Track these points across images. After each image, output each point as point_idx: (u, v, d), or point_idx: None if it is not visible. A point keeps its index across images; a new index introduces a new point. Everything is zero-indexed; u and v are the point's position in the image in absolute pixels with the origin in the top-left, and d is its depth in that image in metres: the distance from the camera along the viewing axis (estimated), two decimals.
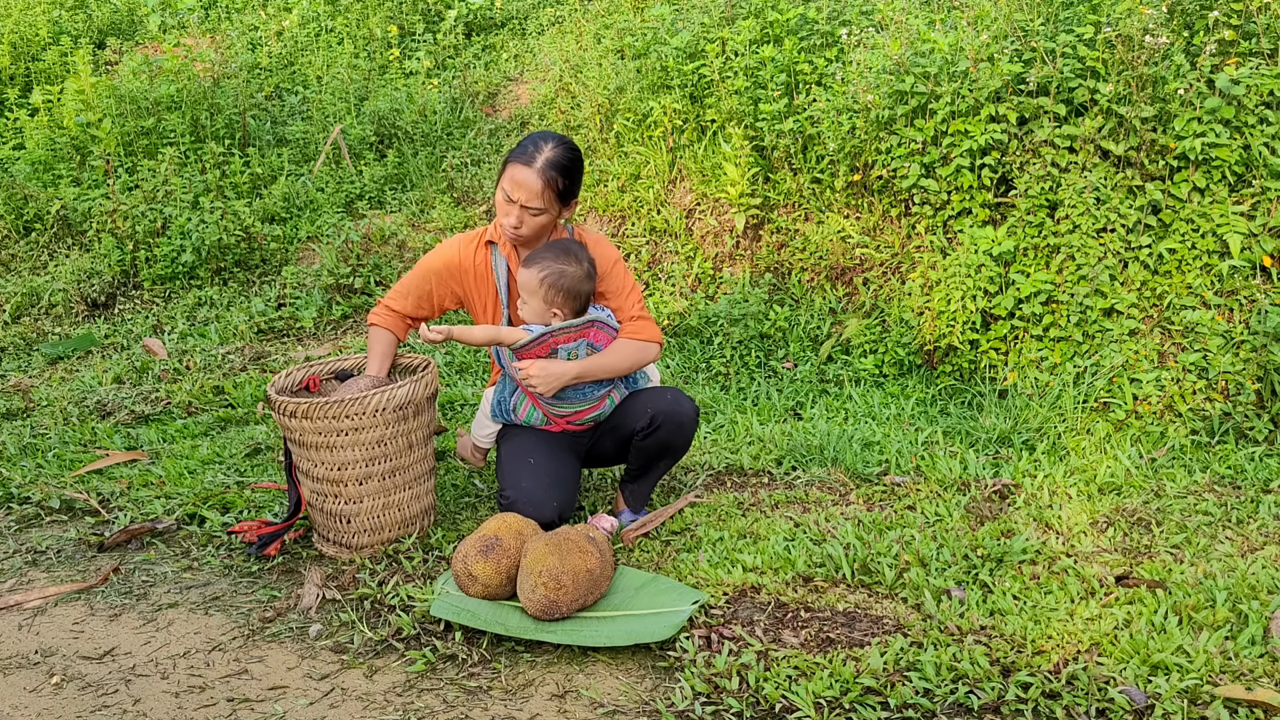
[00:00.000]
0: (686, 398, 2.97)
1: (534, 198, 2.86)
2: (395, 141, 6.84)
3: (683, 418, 2.94)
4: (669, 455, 3.02)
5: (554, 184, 2.86)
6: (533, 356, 2.88)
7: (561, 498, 2.89)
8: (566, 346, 2.89)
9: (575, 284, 2.87)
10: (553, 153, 2.87)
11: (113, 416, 4.29)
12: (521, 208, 2.88)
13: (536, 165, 2.85)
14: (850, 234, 4.64)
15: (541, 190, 2.86)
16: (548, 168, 2.86)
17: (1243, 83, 3.65)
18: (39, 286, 5.64)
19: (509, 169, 2.90)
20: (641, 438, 2.95)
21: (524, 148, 2.90)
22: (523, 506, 2.85)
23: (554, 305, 2.87)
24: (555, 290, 2.85)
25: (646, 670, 2.40)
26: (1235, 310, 3.69)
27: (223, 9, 8.76)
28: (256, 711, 2.29)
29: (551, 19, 7.86)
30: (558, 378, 2.86)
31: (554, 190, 2.88)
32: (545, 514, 2.84)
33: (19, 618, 2.75)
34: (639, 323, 3.00)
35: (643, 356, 2.99)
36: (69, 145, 6.51)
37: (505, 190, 2.90)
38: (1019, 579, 2.66)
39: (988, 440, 3.67)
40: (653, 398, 2.96)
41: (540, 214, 2.90)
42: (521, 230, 2.92)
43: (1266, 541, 2.87)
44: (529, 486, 2.88)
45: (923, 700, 2.20)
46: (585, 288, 2.90)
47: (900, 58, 4.29)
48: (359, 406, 2.85)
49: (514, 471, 2.94)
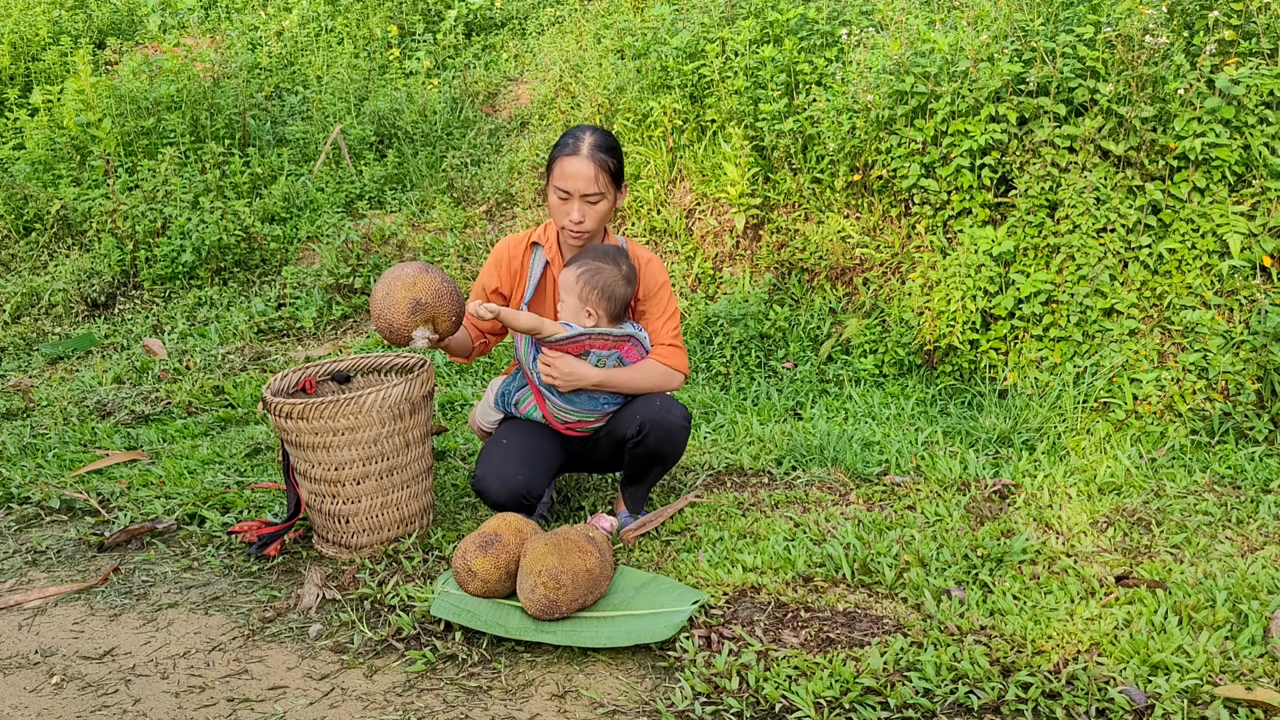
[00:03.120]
0: (677, 405, 2.96)
1: (589, 184, 2.86)
2: (395, 141, 6.84)
3: (671, 426, 2.92)
4: (661, 462, 3.02)
5: (605, 165, 2.87)
6: (564, 351, 2.88)
7: (529, 474, 2.88)
8: (599, 353, 2.90)
9: (611, 284, 2.87)
10: (594, 137, 2.89)
11: (113, 416, 4.30)
12: (580, 199, 2.88)
13: (583, 152, 2.86)
14: (850, 234, 4.64)
15: (595, 174, 2.86)
16: (595, 150, 2.87)
17: (1243, 83, 3.65)
18: (39, 286, 5.64)
19: (557, 165, 2.89)
20: (632, 445, 2.94)
21: (564, 143, 2.91)
22: (489, 482, 2.87)
23: (588, 303, 2.87)
24: (590, 288, 2.86)
25: (646, 670, 2.40)
26: (1235, 310, 3.69)
27: (223, 9, 8.76)
28: (256, 711, 2.29)
29: (551, 19, 7.86)
30: (579, 379, 2.87)
31: (607, 172, 2.88)
32: (512, 487, 2.84)
33: (19, 618, 2.75)
34: (671, 350, 3.02)
35: (666, 383, 3.00)
36: (69, 145, 6.51)
37: (558, 188, 2.89)
38: (1019, 579, 2.66)
39: (988, 440, 3.67)
40: (643, 405, 2.94)
41: (599, 199, 2.89)
42: (584, 224, 2.90)
43: (1266, 541, 2.87)
44: (497, 463, 2.90)
45: (923, 700, 2.20)
46: (621, 290, 2.90)
47: (900, 58, 4.29)
48: (354, 406, 2.85)
49: (487, 451, 2.97)
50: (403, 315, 2.70)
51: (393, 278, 2.74)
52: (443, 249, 5.70)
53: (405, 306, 2.69)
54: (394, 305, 2.70)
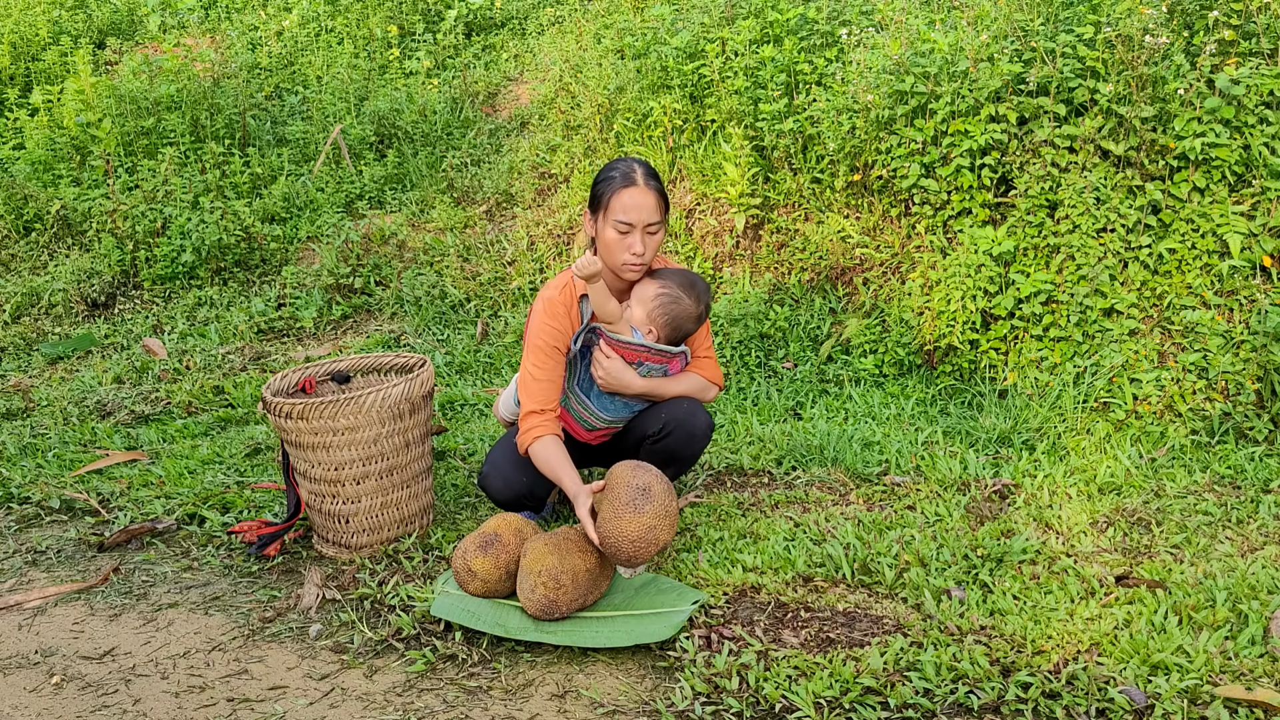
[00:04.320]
0: (704, 411, 2.97)
1: (653, 213, 2.78)
2: (395, 141, 6.84)
3: (695, 429, 2.94)
4: (675, 463, 3.02)
5: (662, 193, 2.82)
6: (620, 353, 2.89)
7: (533, 474, 2.89)
8: (651, 365, 2.91)
9: (683, 317, 2.86)
10: (643, 167, 2.82)
11: (113, 416, 4.30)
12: (642, 231, 2.78)
13: (640, 182, 2.78)
14: (850, 234, 4.64)
15: (656, 204, 2.79)
16: (649, 179, 2.79)
17: (1243, 83, 3.65)
18: (39, 286, 5.64)
19: (616, 198, 2.77)
20: (652, 442, 2.95)
21: (612, 177, 2.80)
22: (493, 480, 2.92)
23: (654, 323, 2.88)
24: (663, 312, 2.86)
25: (646, 670, 2.40)
26: (1235, 310, 3.69)
27: (223, 9, 8.76)
28: (256, 711, 2.29)
29: (551, 19, 7.86)
30: (624, 385, 2.88)
31: (664, 200, 2.83)
32: (513, 487, 2.88)
33: (19, 618, 2.75)
34: (707, 362, 3.05)
35: (703, 395, 3.03)
36: (69, 145, 6.51)
37: (618, 223, 2.77)
38: (1019, 579, 2.66)
39: (988, 440, 3.67)
40: (670, 406, 2.96)
41: (658, 229, 2.81)
42: (646, 255, 2.80)
43: (1266, 541, 2.87)
44: (501, 461, 2.93)
45: (923, 700, 2.20)
46: (689, 327, 2.90)
47: (900, 58, 4.29)
48: (354, 406, 2.85)
49: (494, 450, 3.00)
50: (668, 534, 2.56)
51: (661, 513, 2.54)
52: (443, 249, 5.70)
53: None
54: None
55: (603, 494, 2.56)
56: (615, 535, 2.47)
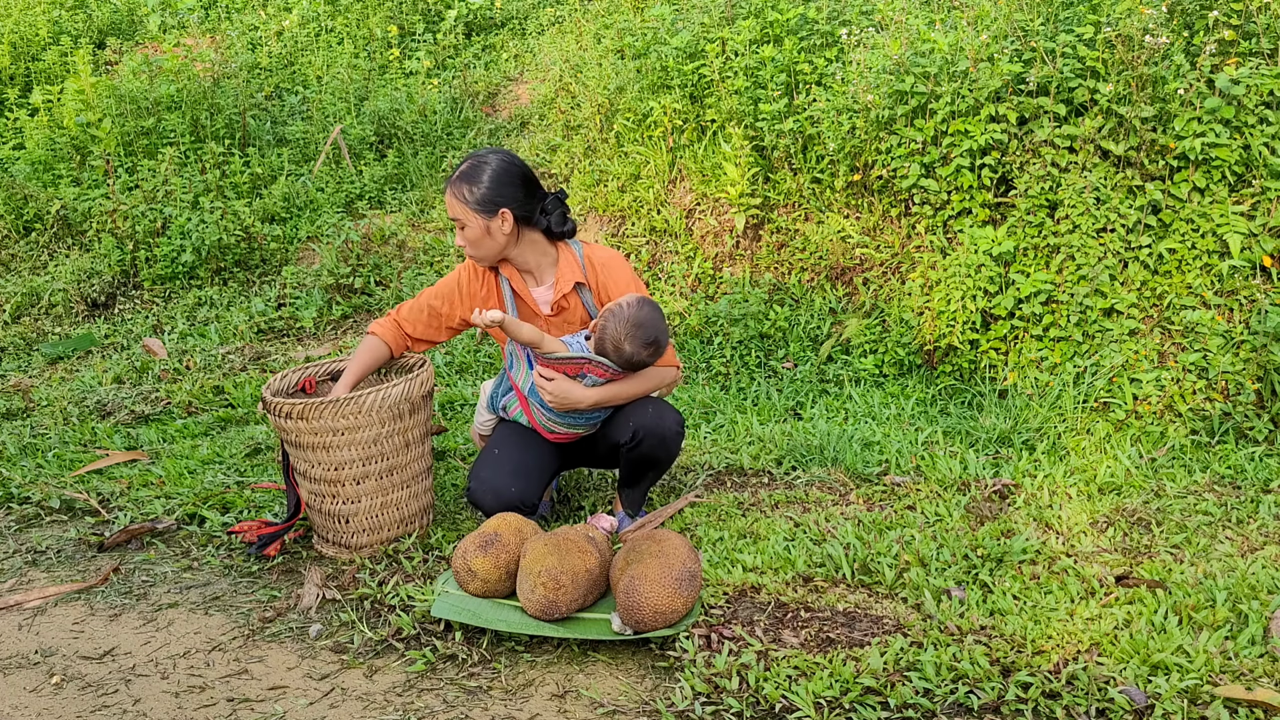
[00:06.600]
0: (671, 411, 2.95)
1: (455, 211, 2.91)
2: (395, 141, 6.84)
3: (665, 432, 2.92)
4: (655, 467, 3.01)
5: (459, 195, 2.88)
6: (560, 371, 2.86)
7: (521, 484, 2.89)
8: (595, 379, 2.88)
9: (611, 336, 2.81)
10: (462, 165, 2.94)
11: (113, 416, 4.29)
12: (458, 228, 2.94)
13: (449, 181, 2.93)
14: (850, 234, 4.65)
15: (451, 202, 2.91)
16: (457, 181, 2.91)
17: (1243, 83, 3.65)
18: (39, 286, 5.64)
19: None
20: (627, 450, 2.94)
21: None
22: (481, 495, 2.89)
23: (594, 331, 2.87)
24: (601, 324, 2.83)
25: (646, 670, 2.40)
26: (1235, 310, 3.69)
27: (223, 9, 8.76)
28: (256, 711, 2.29)
29: (551, 19, 7.86)
30: (574, 401, 2.86)
31: (459, 200, 2.88)
32: (504, 498, 2.86)
33: (19, 618, 2.75)
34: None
35: (662, 382, 3.00)
36: (69, 145, 6.51)
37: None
38: (1019, 579, 2.66)
39: (988, 440, 3.67)
40: (635, 411, 2.93)
41: (464, 228, 2.92)
42: (467, 249, 2.95)
43: (1266, 541, 2.87)
44: (488, 475, 2.91)
45: (923, 700, 2.20)
46: (633, 353, 2.81)
47: (900, 58, 4.29)
48: (354, 406, 2.85)
49: (478, 464, 2.98)
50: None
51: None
52: (442, 249, 5.70)
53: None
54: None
55: (649, 545, 2.52)
56: (644, 599, 2.42)
